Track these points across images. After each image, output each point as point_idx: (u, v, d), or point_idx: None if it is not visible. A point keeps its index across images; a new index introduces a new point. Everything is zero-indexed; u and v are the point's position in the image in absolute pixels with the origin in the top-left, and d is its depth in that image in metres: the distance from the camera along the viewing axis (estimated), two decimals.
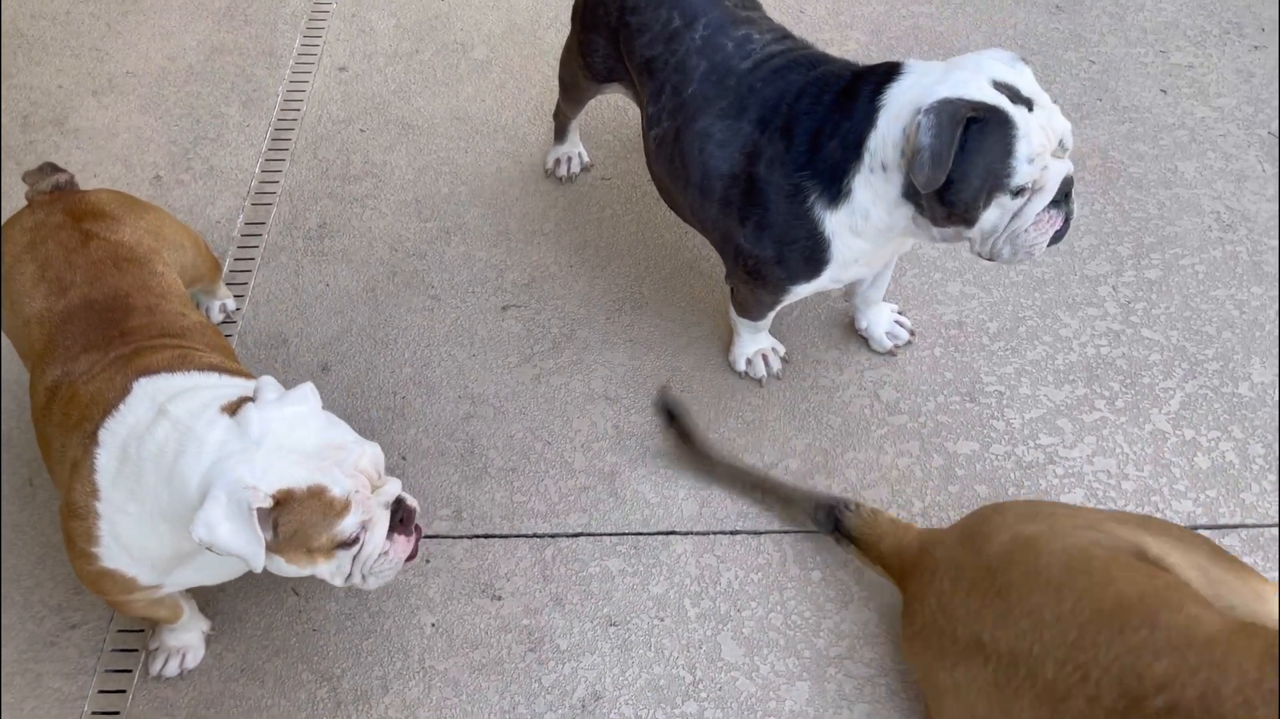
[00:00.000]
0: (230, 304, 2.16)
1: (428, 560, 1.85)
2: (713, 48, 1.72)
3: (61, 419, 1.45)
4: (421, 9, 2.88)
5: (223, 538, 1.26)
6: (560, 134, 2.38)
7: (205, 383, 1.44)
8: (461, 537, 1.88)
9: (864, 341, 2.10)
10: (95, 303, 1.54)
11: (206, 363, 1.49)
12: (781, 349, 2.07)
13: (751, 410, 2.02)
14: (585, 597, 1.80)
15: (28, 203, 1.74)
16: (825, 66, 1.65)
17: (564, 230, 2.34)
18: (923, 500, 1.88)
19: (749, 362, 2.05)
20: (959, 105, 1.44)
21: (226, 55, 2.76)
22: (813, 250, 1.66)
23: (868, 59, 1.82)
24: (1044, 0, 2.82)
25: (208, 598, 1.79)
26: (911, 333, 2.09)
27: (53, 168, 1.76)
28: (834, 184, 1.59)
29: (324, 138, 2.55)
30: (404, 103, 2.63)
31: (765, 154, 1.64)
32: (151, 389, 1.40)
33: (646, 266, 2.26)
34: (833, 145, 1.58)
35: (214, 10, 2.89)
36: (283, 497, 1.29)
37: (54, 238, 1.62)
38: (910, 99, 1.51)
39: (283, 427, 1.33)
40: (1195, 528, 1.82)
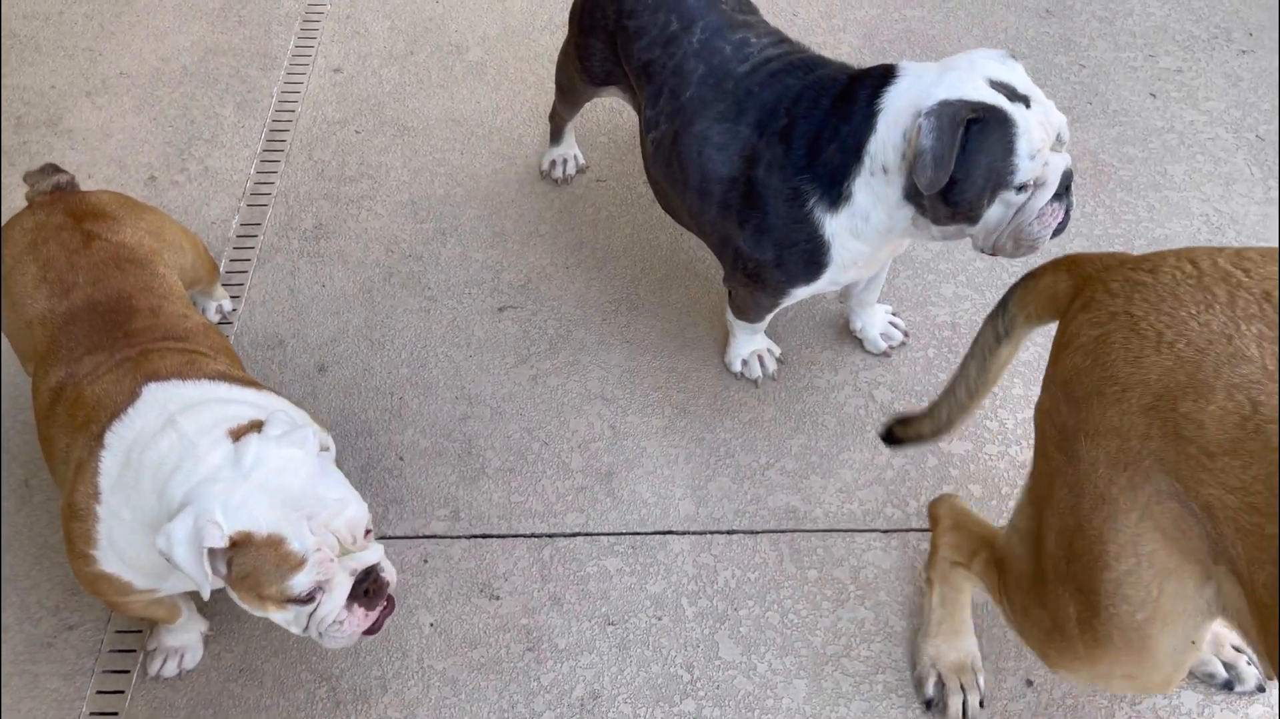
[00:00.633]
0: (226, 305, 2.16)
1: (425, 560, 1.85)
2: (710, 51, 1.73)
3: (67, 420, 1.45)
4: (416, 11, 2.89)
5: (178, 556, 1.27)
6: (556, 136, 2.39)
7: (216, 394, 1.44)
8: (459, 537, 1.89)
9: (859, 343, 2.12)
10: (99, 304, 1.54)
11: (215, 370, 1.49)
12: (777, 350, 2.08)
13: (747, 411, 2.04)
14: (583, 596, 1.81)
15: (28, 203, 1.74)
16: (821, 70, 1.67)
17: (560, 232, 2.35)
18: (917, 500, 1.90)
19: (745, 363, 2.06)
20: (959, 106, 1.46)
21: (221, 56, 2.76)
22: (812, 253, 1.67)
23: (861, 62, 1.84)
24: (1034, 4, 2.85)
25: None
26: (906, 334, 2.11)
27: (54, 168, 1.76)
28: (834, 187, 1.61)
29: (319, 139, 2.56)
30: (399, 104, 2.63)
31: (764, 157, 1.66)
32: (162, 396, 1.40)
33: (642, 268, 2.27)
34: (832, 149, 1.59)
35: (208, 11, 2.89)
36: (241, 539, 1.28)
37: (55, 239, 1.62)
38: (908, 102, 1.52)
39: (274, 465, 1.31)
40: None
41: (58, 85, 2.68)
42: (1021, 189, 1.51)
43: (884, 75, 1.58)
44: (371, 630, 1.42)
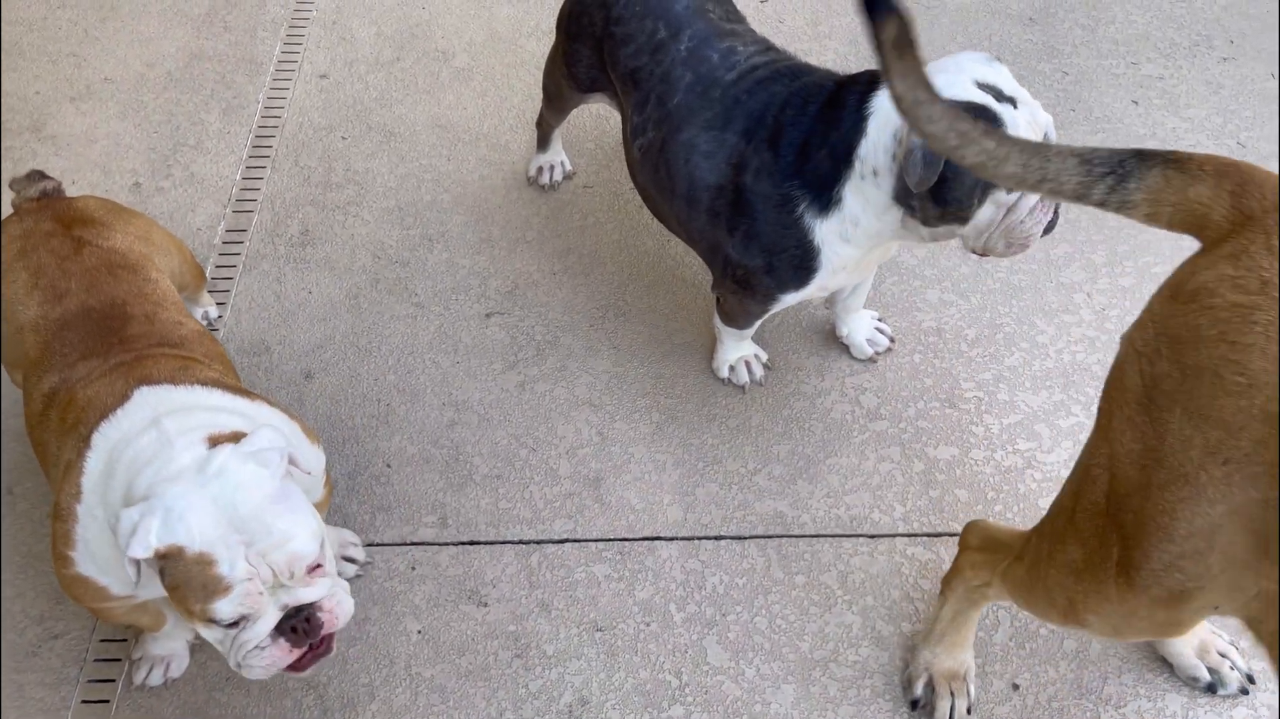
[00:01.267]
0: (213, 312, 2.15)
1: (413, 567, 1.85)
2: (698, 59, 1.74)
3: (59, 424, 1.45)
4: (402, 17, 2.89)
5: (120, 540, 1.27)
6: (543, 142, 2.39)
7: (206, 401, 1.43)
8: (447, 543, 1.88)
9: (845, 349, 2.13)
10: (93, 310, 1.54)
11: (208, 377, 1.48)
12: (764, 356, 2.09)
13: (734, 417, 2.04)
14: (571, 602, 1.81)
15: (14, 210, 1.73)
16: (807, 77, 1.68)
17: (547, 238, 2.35)
18: (904, 505, 1.91)
19: (732, 368, 2.07)
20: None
21: (206, 62, 2.76)
22: (802, 259, 1.68)
23: (847, 69, 1.85)
24: (1018, 12, 2.87)
25: None
26: (892, 340, 2.12)
27: (40, 175, 1.75)
28: (824, 192, 1.62)
29: (305, 145, 2.55)
30: (385, 110, 2.63)
31: (752, 164, 1.66)
32: (153, 399, 1.40)
33: (629, 274, 2.28)
34: (821, 155, 1.60)
35: (193, 17, 2.88)
36: (172, 552, 1.25)
37: (45, 245, 1.61)
38: None
39: (233, 480, 1.29)
40: None
41: (41, 91, 2.67)
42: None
43: (872, 80, 1.60)
44: (294, 668, 1.37)
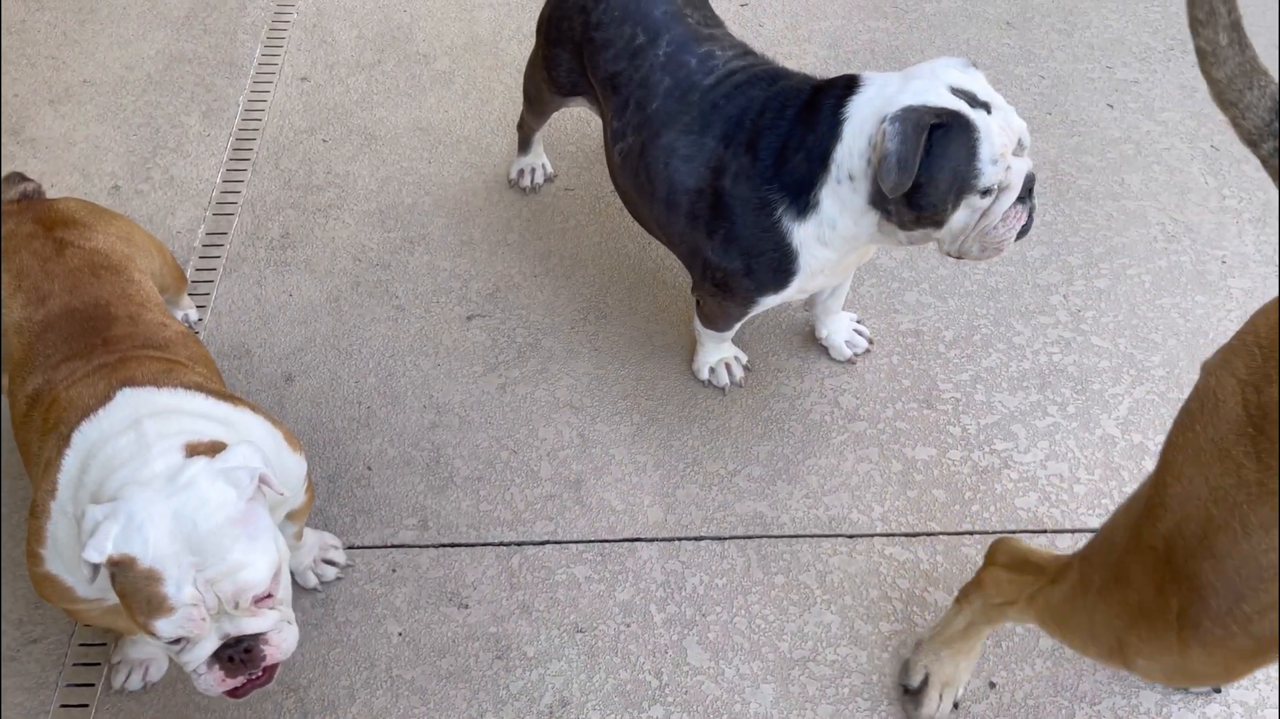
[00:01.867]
0: (193, 315, 2.15)
1: (394, 570, 1.85)
2: (676, 64, 1.75)
3: (41, 424, 1.45)
4: (383, 20, 2.89)
5: (82, 538, 1.26)
6: (524, 145, 2.40)
7: (188, 405, 1.43)
8: (428, 546, 1.89)
9: (824, 350, 2.14)
10: (76, 312, 1.54)
11: (192, 381, 1.48)
12: (744, 358, 2.11)
13: (715, 418, 2.05)
14: (552, 604, 1.81)
15: None
16: (785, 81, 1.69)
17: (528, 240, 2.36)
18: (882, 505, 1.93)
19: (712, 370, 2.08)
20: (923, 112, 1.49)
21: (186, 65, 2.75)
22: (781, 262, 1.70)
23: (826, 73, 1.87)
24: (995, 17, 2.90)
25: None
26: (870, 341, 2.14)
27: (19, 177, 1.75)
28: (801, 196, 1.63)
29: (286, 148, 2.55)
30: (366, 113, 2.63)
31: (731, 168, 1.68)
32: (135, 401, 1.40)
33: (610, 276, 2.29)
34: (799, 159, 1.62)
35: (173, 19, 2.87)
36: (124, 561, 1.25)
37: (27, 247, 1.61)
38: (873, 109, 1.55)
39: (199, 495, 1.28)
40: None
41: (20, 94, 2.66)
42: (986, 193, 1.54)
43: (848, 85, 1.61)
44: (232, 694, 1.37)
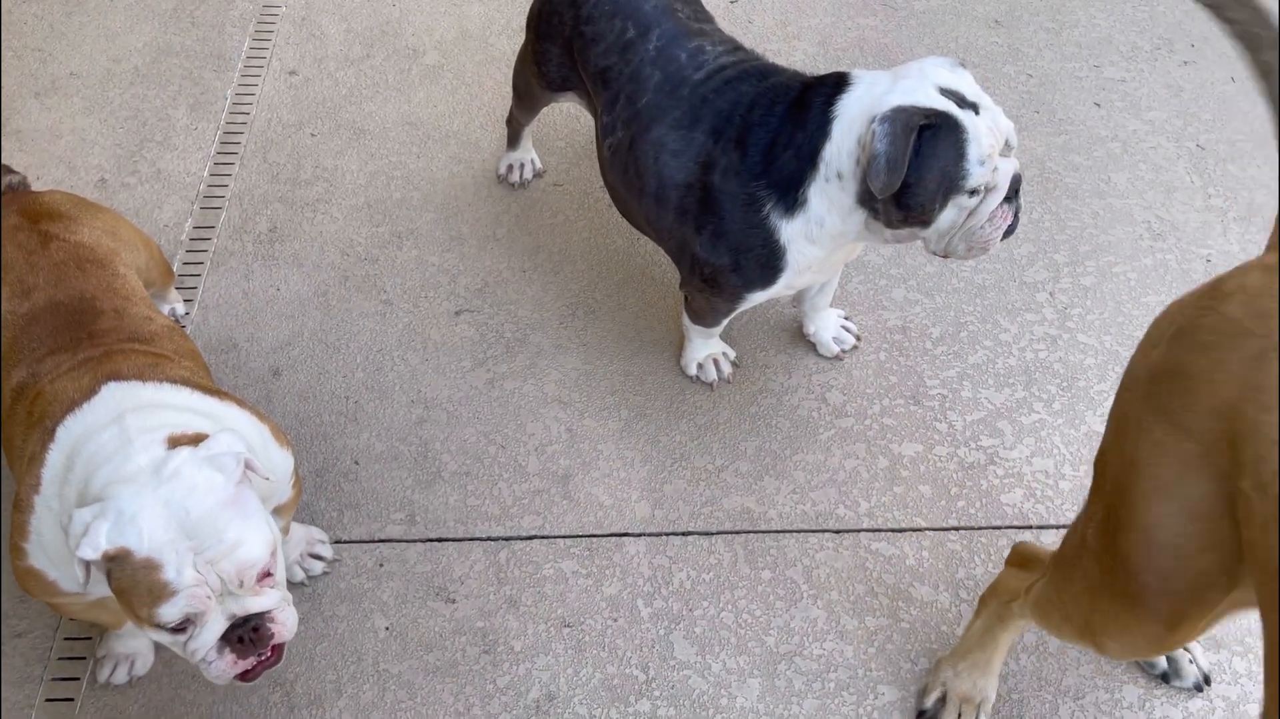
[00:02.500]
0: (180, 309, 2.14)
1: (381, 564, 1.85)
2: (666, 59, 1.76)
3: (25, 418, 1.44)
4: (372, 14, 2.88)
5: (70, 542, 1.26)
6: (513, 140, 2.39)
7: (173, 399, 1.42)
8: (415, 540, 1.89)
9: (812, 346, 2.15)
10: (61, 305, 1.53)
11: (178, 374, 1.47)
12: (732, 354, 2.11)
13: (702, 414, 2.06)
14: (539, 598, 1.82)
15: None
16: (775, 77, 1.70)
17: (517, 236, 2.36)
18: (869, 501, 1.93)
19: (700, 366, 2.08)
20: (912, 113, 1.49)
21: (173, 57, 2.74)
22: (768, 258, 1.70)
23: (815, 69, 1.87)
24: (984, 15, 2.91)
25: None
26: (857, 338, 2.15)
27: (5, 169, 1.74)
28: (789, 193, 1.64)
29: (274, 142, 2.54)
30: (355, 107, 2.62)
31: (720, 164, 1.68)
32: (120, 394, 1.39)
33: (599, 272, 2.29)
34: (788, 156, 1.62)
35: (160, 12, 2.86)
36: (120, 555, 1.25)
37: (12, 240, 1.60)
38: (862, 109, 1.56)
39: (187, 483, 1.28)
40: None
41: (6, 86, 2.64)
42: (973, 193, 1.55)
43: (837, 83, 1.62)
44: (244, 678, 1.37)
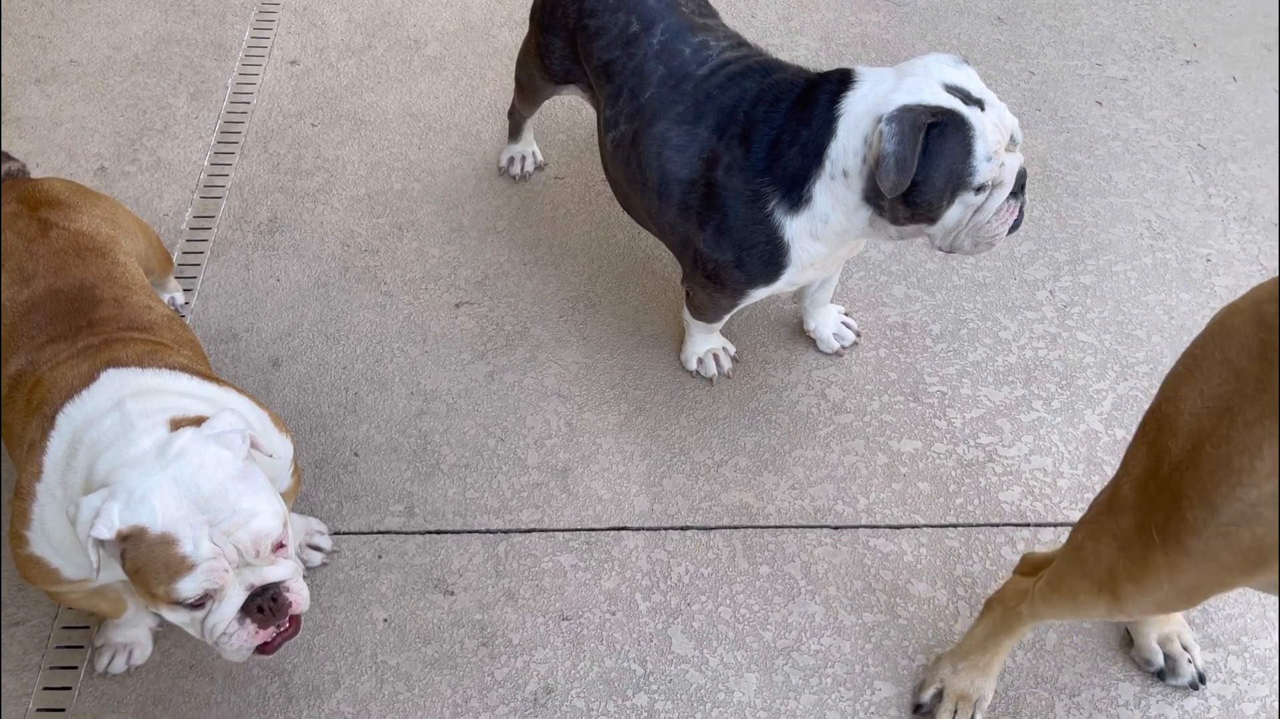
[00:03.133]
0: (179, 298, 2.14)
1: (380, 556, 1.85)
2: (670, 53, 1.75)
3: (25, 405, 1.44)
4: (373, 4, 2.87)
5: (80, 526, 1.26)
6: (515, 132, 2.39)
7: (172, 385, 1.43)
8: (414, 532, 1.89)
9: (812, 342, 2.15)
10: (61, 293, 1.53)
11: (177, 362, 1.47)
12: (732, 349, 2.11)
13: (702, 408, 2.06)
14: (538, 591, 1.82)
15: None
16: (779, 73, 1.69)
17: (517, 228, 2.35)
18: (867, 497, 1.94)
19: (700, 361, 2.08)
20: (919, 112, 1.49)
21: (174, 46, 2.73)
22: (772, 254, 1.70)
23: (817, 65, 1.87)
24: (986, 12, 2.90)
25: None
26: (858, 334, 2.15)
27: (4, 156, 1.73)
28: (794, 190, 1.63)
29: (274, 131, 2.54)
30: (356, 98, 2.62)
31: (724, 160, 1.68)
32: (119, 381, 1.39)
33: (599, 266, 2.29)
34: (793, 153, 1.62)
35: (161, 0, 2.85)
36: (133, 533, 1.25)
37: (11, 227, 1.59)
38: (868, 107, 1.55)
39: (194, 461, 1.28)
40: None
41: (6, 73, 2.63)
42: (980, 190, 1.55)
43: (842, 80, 1.61)
44: (264, 650, 1.38)
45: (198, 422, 1.35)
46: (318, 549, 1.83)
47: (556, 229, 2.36)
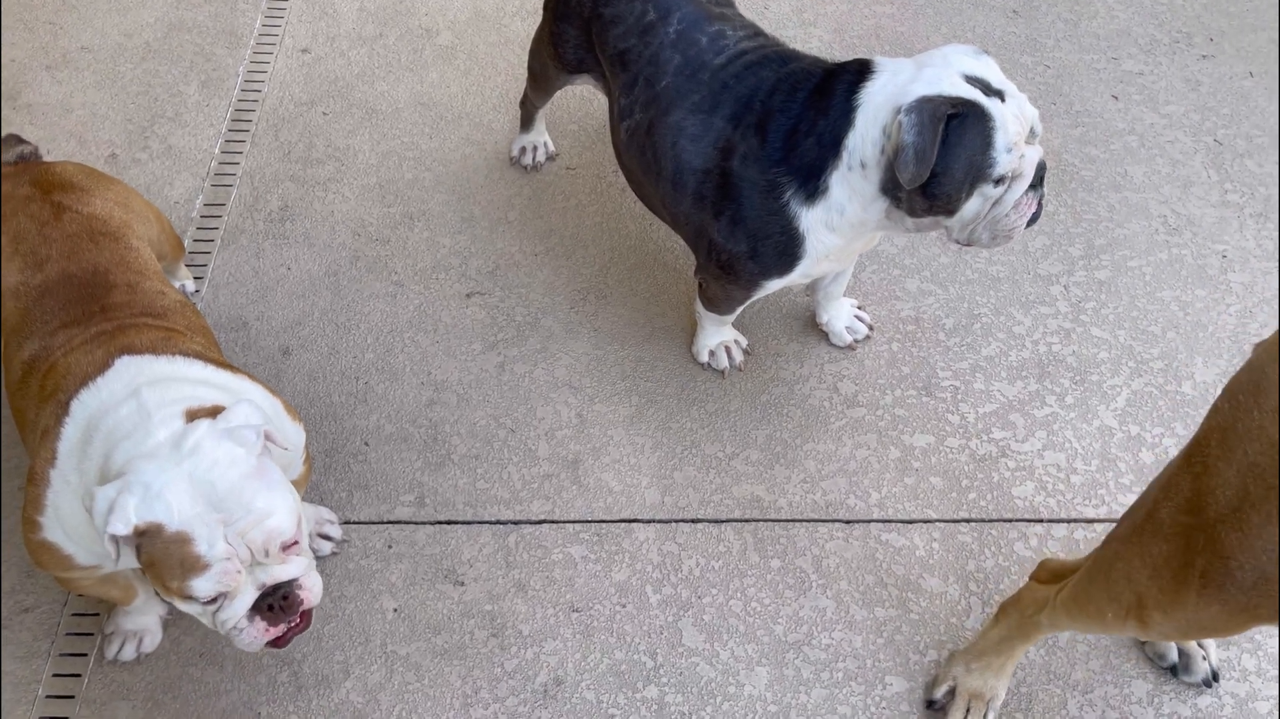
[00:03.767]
0: (190, 285, 2.13)
1: (390, 546, 1.85)
2: (686, 42, 1.74)
3: (38, 391, 1.43)
4: None
5: (96, 518, 1.26)
6: (527, 122, 2.38)
7: (188, 373, 1.42)
8: (424, 522, 1.88)
9: (824, 336, 2.14)
10: (74, 277, 1.52)
11: (191, 349, 1.47)
12: (744, 341, 2.10)
13: (713, 401, 2.05)
14: (548, 583, 1.81)
15: None
16: (796, 63, 1.68)
17: (529, 219, 2.34)
18: (879, 491, 1.93)
19: (712, 353, 2.07)
20: (939, 102, 1.48)
21: (185, 33, 2.72)
22: (787, 245, 1.69)
23: (831, 57, 1.86)
24: (1002, 5, 2.88)
25: None
26: (870, 328, 2.13)
27: (17, 139, 1.72)
28: (811, 181, 1.62)
29: (286, 120, 2.53)
30: (368, 87, 2.61)
31: (739, 149, 1.66)
32: (134, 368, 1.39)
33: (611, 257, 2.28)
34: (809, 143, 1.61)
35: None
36: (151, 529, 1.25)
37: (24, 210, 1.59)
38: (887, 98, 1.54)
39: (209, 457, 1.28)
40: None
41: (17, 59, 2.63)
42: (999, 182, 1.54)
43: (860, 71, 1.60)
44: (275, 644, 1.38)
45: (214, 412, 1.34)
46: (328, 538, 1.82)
47: (568, 220, 2.35)
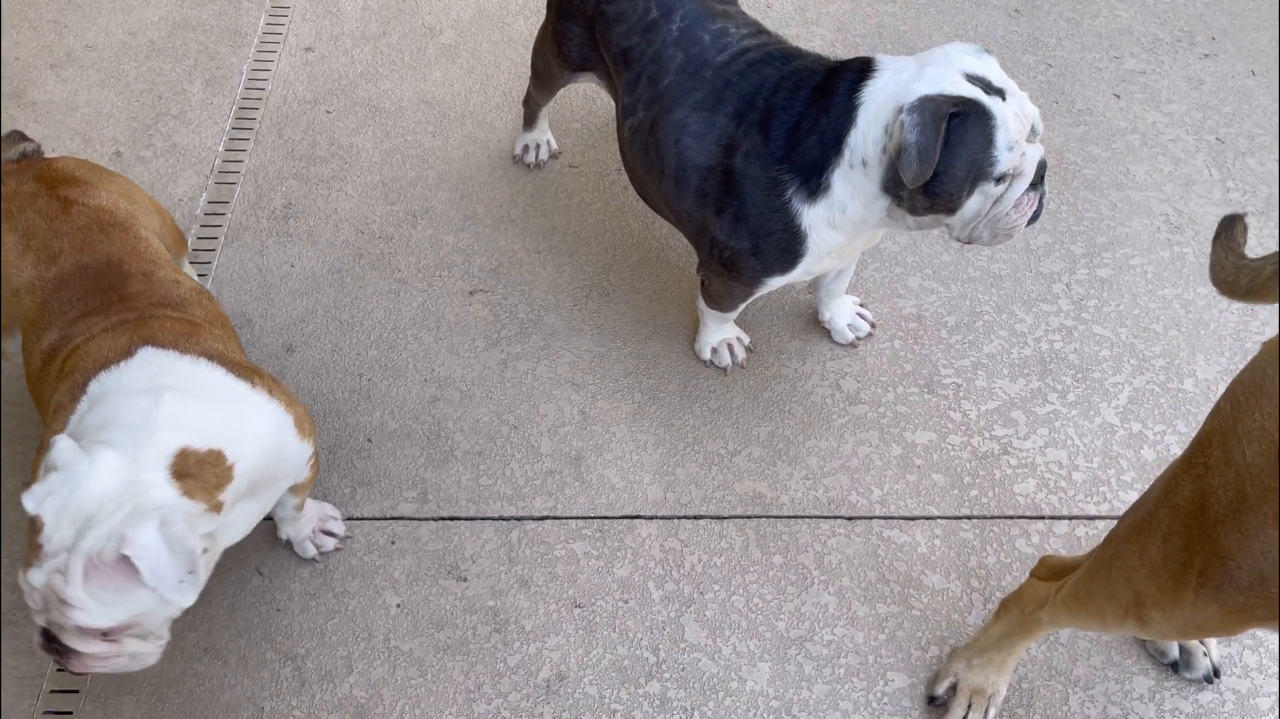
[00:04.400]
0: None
1: (393, 542, 1.85)
2: (689, 40, 1.75)
3: (58, 374, 1.45)
4: None
5: (41, 466, 1.29)
6: (530, 121, 2.39)
7: (207, 379, 1.42)
8: (427, 518, 1.89)
9: (826, 333, 2.14)
10: (89, 268, 1.53)
11: (213, 348, 1.48)
12: (746, 339, 2.10)
13: (716, 398, 2.05)
14: (550, 579, 1.82)
15: None
16: (799, 61, 1.69)
17: (532, 217, 2.35)
18: (881, 488, 1.93)
19: (714, 350, 2.08)
20: (941, 101, 1.48)
21: (189, 31, 2.73)
22: (789, 243, 1.69)
23: (833, 55, 1.86)
24: (1004, 4, 2.89)
25: None
26: (873, 325, 2.14)
27: (20, 136, 1.73)
28: (813, 178, 1.63)
29: (289, 118, 2.53)
30: (371, 85, 2.62)
31: (742, 147, 1.67)
32: (157, 364, 1.40)
33: (614, 254, 2.28)
34: (811, 141, 1.61)
35: None
36: (34, 521, 1.27)
37: (31, 206, 1.60)
38: (888, 96, 1.54)
39: (123, 524, 1.26)
40: None
41: (22, 57, 2.64)
42: (1000, 180, 1.54)
43: (862, 69, 1.60)
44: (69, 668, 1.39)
45: (207, 460, 1.34)
46: (331, 534, 1.83)
47: (570, 218, 2.35)
